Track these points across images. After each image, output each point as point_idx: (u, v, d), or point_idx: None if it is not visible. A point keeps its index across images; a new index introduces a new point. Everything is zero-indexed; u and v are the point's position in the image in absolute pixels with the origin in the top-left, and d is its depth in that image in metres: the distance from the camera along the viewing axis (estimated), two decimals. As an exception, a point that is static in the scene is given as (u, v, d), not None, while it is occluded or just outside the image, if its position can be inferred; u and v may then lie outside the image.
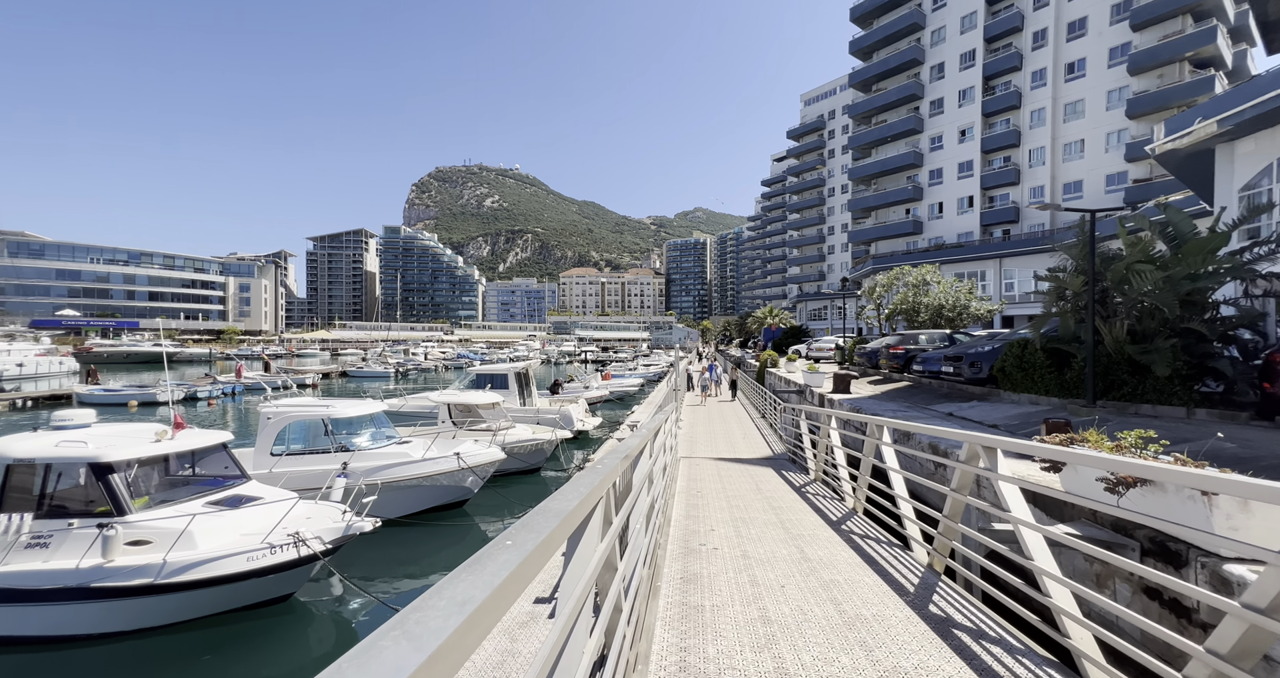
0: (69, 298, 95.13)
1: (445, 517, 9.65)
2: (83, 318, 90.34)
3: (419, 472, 8.79)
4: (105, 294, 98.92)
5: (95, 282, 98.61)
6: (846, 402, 12.47)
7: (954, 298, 18.21)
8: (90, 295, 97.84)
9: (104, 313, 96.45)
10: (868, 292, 22.59)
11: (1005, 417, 8.90)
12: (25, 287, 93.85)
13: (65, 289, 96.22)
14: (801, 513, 5.97)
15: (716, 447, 12.31)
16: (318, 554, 5.66)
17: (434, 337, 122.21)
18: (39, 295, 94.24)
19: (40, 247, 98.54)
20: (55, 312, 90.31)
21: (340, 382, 44.64)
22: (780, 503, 6.53)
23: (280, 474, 8.02)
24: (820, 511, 6.09)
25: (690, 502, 6.63)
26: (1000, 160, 40.60)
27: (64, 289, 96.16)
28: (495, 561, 0.87)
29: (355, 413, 9.25)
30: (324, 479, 7.71)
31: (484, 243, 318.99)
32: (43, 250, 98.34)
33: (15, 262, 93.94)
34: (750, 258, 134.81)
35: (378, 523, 6.52)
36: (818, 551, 4.58)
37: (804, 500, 6.65)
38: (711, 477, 8.48)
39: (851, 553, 4.50)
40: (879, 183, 49.10)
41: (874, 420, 5.51)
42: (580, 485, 1.65)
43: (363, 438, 9.35)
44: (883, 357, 16.78)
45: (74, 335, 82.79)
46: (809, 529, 5.29)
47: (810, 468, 8.62)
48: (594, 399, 23.88)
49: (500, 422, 12.75)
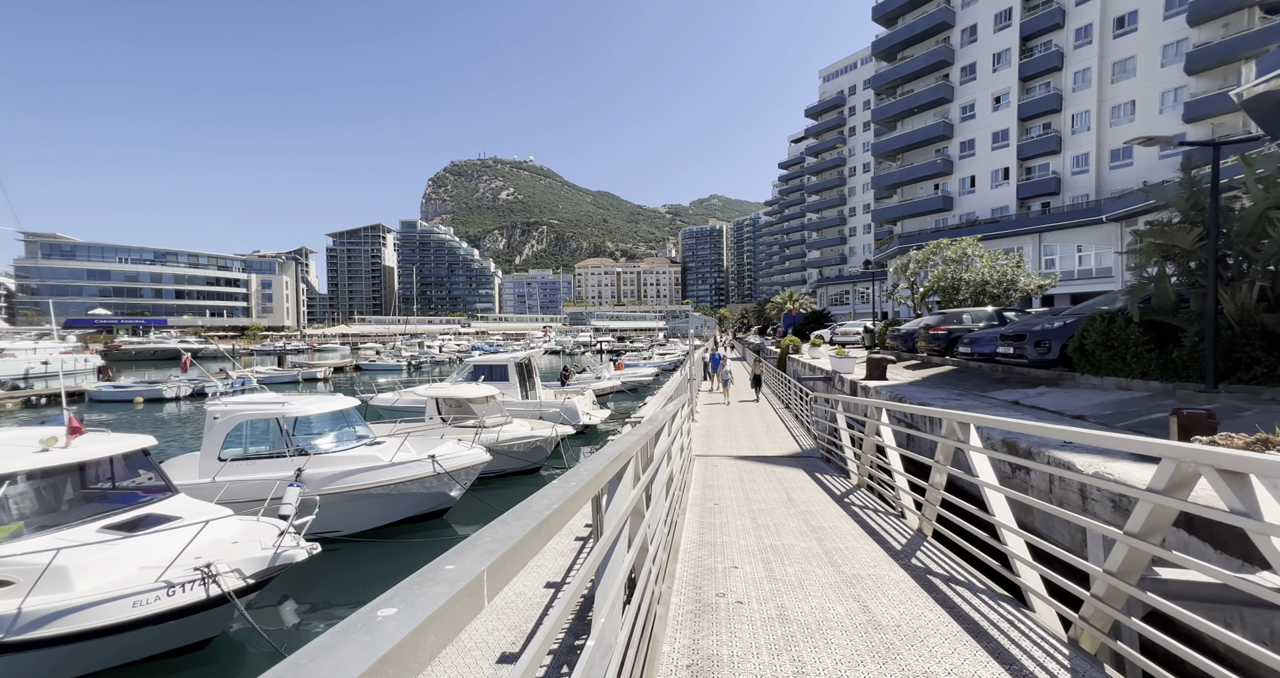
0: (100, 297, 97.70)
1: (420, 529, 8.44)
2: (114, 317, 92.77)
3: (386, 479, 7.62)
4: (134, 293, 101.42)
5: (125, 281, 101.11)
6: (885, 389, 10.90)
7: (999, 273, 16.29)
8: (120, 294, 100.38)
9: (134, 311, 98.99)
10: (900, 269, 20.67)
11: (1090, 406, 7.28)
12: (59, 287, 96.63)
13: (96, 289, 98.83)
14: (852, 539, 4.54)
15: (736, 442, 10.90)
16: (228, 594, 4.48)
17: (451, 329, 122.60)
18: (72, 295, 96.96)
19: (71, 248, 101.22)
20: (88, 311, 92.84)
21: (354, 375, 44.39)
22: (821, 521, 5.11)
23: (224, 484, 6.95)
24: (876, 533, 4.65)
25: (705, 519, 5.25)
26: (1039, 128, 37.66)
27: (95, 289, 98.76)
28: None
29: (318, 410, 8.11)
30: (274, 489, 6.56)
31: (500, 236, 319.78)
32: (74, 251, 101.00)
33: (49, 263, 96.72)
34: (768, 243, 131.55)
35: (314, 550, 5.33)
36: (888, 608, 3.16)
37: (851, 517, 5.21)
38: (731, 482, 7.09)
39: (940, 612, 3.07)
40: (905, 157, 46.36)
41: (951, 416, 4.02)
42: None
43: (326, 439, 8.23)
44: (920, 339, 15.07)
45: (106, 334, 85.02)
46: (866, 566, 3.87)
47: (851, 470, 7.16)
48: (604, 390, 22.61)
49: (495, 417, 11.54)
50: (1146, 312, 7.24)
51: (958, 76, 41.75)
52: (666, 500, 3.96)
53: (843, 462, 7.74)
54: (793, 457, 9.26)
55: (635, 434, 3.26)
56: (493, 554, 0.89)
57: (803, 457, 9.19)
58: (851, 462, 7.19)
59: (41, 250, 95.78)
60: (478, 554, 0.89)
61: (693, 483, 7.03)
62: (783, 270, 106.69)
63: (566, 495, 1.42)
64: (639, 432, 3.46)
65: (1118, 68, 33.91)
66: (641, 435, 3.22)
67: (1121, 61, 33.71)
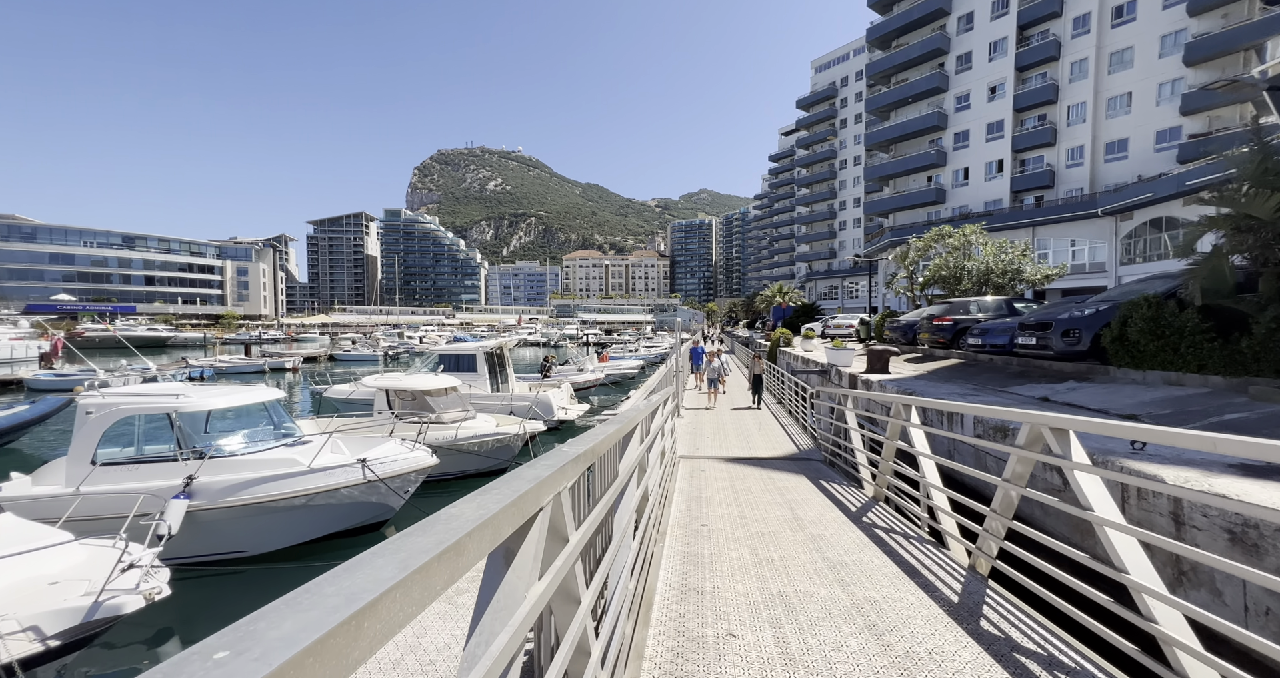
0: (64, 282, 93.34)
1: (353, 545, 7.08)
2: (78, 302, 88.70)
3: (302, 488, 6.34)
4: (101, 278, 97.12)
5: (90, 266, 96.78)
6: (889, 384, 9.83)
7: (1004, 262, 15.34)
8: (86, 279, 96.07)
9: (100, 297, 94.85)
10: (899, 257, 19.66)
11: (1139, 404, 6.23)
12: (18, 271, 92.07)
13: (60, 273, 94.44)
14: (886, 583, 3.38)
15: (727, 441, 9.76)
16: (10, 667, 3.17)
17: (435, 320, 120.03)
18: (33, 280, 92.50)
19: (32, 230, 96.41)
20: (50, 297, 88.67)
21: (328, 366, 42.49)
22: (839, 552, 3.95)
23: (93, 495, 5.61)
24: (917, 573, 3.50)
25: (690, 549, 4.06)
26: (1034, 119, 36.97)
27: (58, 273, 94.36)
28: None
29: (225, 404, 6.75)
30: (156, 501, 5.25)
31: (487, 226, 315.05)
32: (35, 234, 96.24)
33: (6, 245, 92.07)
34: (757, 238, 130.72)
35: (158, 595, 4.06)
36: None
37: (876, 546, 4.06)
38: (723, 493, 5.92)
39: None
40: (898, 148, 45.50)
41: (1038, 420, 2.86)
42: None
43: (234, 439, 6.88)
44: (923, 330, 14.06)
45: (69, 320, 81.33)
46: (921, 633, 2.71)
47: (864, 479, 6.03)
48: (586, 383, 21.38)
49: (454, 412, 10.24)
50: (1208, 295, 6.19)
51: (953, 66, 40.88)
52: (636, 539, 2.76)
53: (852, 468, 6.62)
54: (791, 460, 8.13)
55: (584, 443, 2.07)
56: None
57: (802, 460, 8.07)
58: (865, 469, 6.06)
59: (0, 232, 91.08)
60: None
61: (676, 494, 5.85)
62: (771, 264, 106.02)
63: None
64: (593, 437, 2.29)
65: (1115, 58, 33.26)
66: (592, 446, 2.02)
67: (1119, 52, 33.06)
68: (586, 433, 2.49)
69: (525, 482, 1.25)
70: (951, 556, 3.75)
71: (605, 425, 2.80)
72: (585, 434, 2.44)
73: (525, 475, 1.32)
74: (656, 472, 4.29)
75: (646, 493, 3.56)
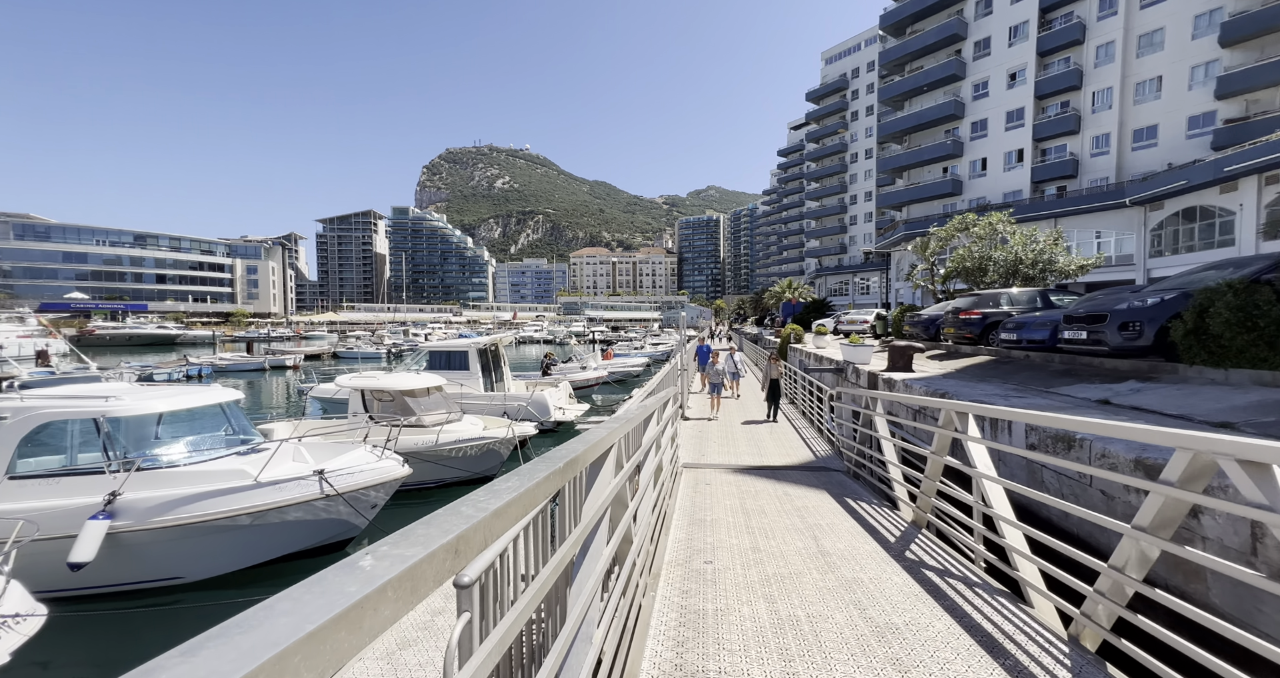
0: (77, 281, 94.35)
1: (312, 567, 6.10)
2: (91, 301, 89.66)
3: (246, 505, 5.50)
4: (112, 277, 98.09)
5: (103, 264, 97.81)
6: (915, 383, 8.83)
7: (1035, 251, 14.20)
8: (99, 278, 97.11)
9: (113, 296, 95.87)
10: (919, 248, 18.50)
11: (1230, 408, 5.22)
12: (33, 269, 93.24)
13: (73, 272, 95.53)
14: (956, 658, 2.45)
15: (735, 446, 8.84)
16: None
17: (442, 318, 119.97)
18: (47, 278, 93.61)
19: (46, 229, 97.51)
20: (64, 295, 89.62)
21: (331, 363, 42.07)
22: (885, 609, 3.02)
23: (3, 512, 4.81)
24: (995, 645, 2.56)
25: (689, 601, 3.15)
26: (1057, 107, 35.43)
27: (72, 272, 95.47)
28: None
29: (165, 407, 5.93)
30: (74, 520, 4.45)
31: (495, 225, 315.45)
32: (48, 233, 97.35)
33: (21, 244, 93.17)
34: (765, 234, 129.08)
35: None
36: None
37: (934, 600, 3.12)
38: (731, 515, 5.00)
39: None
40: (913, 139, 44.06)
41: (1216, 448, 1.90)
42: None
43: (174, 448, 6.01)
44: (948, 325, 13.00)
45: (82, 318, 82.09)
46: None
47: (899, 498, 5.07)
48: (588, 381, 20.52)
49: (437, 413, 9.40)
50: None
51: (970, 52, 39.36)
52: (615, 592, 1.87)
53: (883, 483, 5.66)
54: (808, 469, 7.19)
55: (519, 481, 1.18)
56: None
57: (821, 470, 7.13)
58: (900, 486, 5.10)
59: (14, 231, 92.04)
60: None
61: (675, 515, 4.94)
62: (780, 261, 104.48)
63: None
64: (535, 473, 1.38)
65: (1144, 41, 31.67)
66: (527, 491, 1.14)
67: (1149, 34, 31.46)
68: (538, 462, 1.59)
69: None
70: (1038, 618, 2.80)
71: (568, 446, 1.89)
72: (534, 465, 1.55)
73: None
74: (650, 496, 3.39)
75: (629, 534, 2.66)
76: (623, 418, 2.79)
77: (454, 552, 0.85)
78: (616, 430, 2.38)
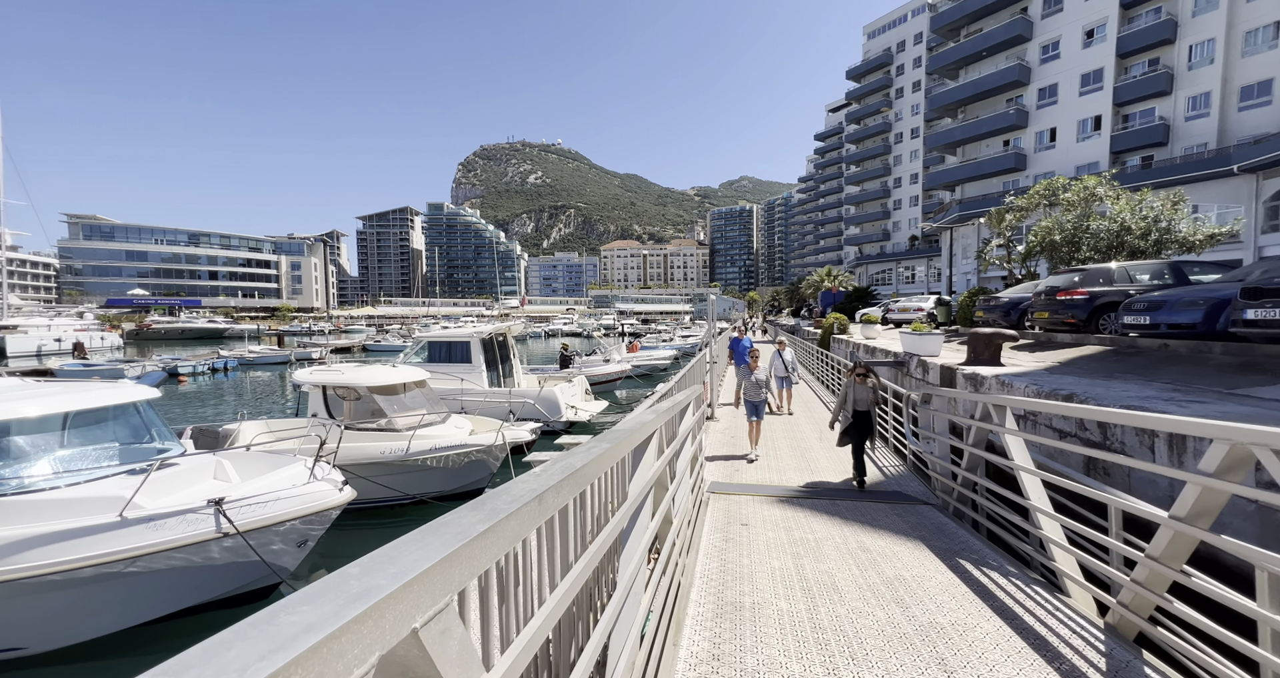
0: (139, 278, 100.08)
1: (197, 630, 4.73)
2: (150, 297, 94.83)
3: (102, 551, 3.96)
4: (170, 274, 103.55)
5: (161, 262, 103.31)
6: (1017, 380, 6.69)
7: (1147, 219, 11.46)
8: (158, 275, 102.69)
9: (171, 292, 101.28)
10: (993, 221, 15.75)
11: None
12: (100, 268, 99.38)
13: (135, 270, 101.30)
14: None
15: (778, 460, 6.97)
16: None
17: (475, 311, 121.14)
18: (112, 276, 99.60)
19: (110, 229, 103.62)
20: (127, 292, 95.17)
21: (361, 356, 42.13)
22: None
23: None
24: None
25: None
26: (1143, 65, 31.17)
27: (134, 270, 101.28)
28: None
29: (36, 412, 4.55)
30: None
31: (528, 220, 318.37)
32: (113, 233, 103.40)
33: (89, 244, 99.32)
34: (801, 223, 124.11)
35: None
36: None
37: None
38: (783, 586, 3.15)
39: None
40: (969, 110, 40.16)
41: None
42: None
43: (33, 467, 4.49)
44: (1040, 309, 10.62)
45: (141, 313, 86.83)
46: None
47: (1062, 573, 3.09)
48: (610, 375, 18.87)
49: (414, 414, 7.86)
50: None
51: (1039, 8, 35.23)
52: None
53: (1005, 528, 3.69)
54: (881, 498, 5.25)
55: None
56: None
57: (900, 499, 5.18)
58: (1064, 556, 3.11)
59: (83, 232, 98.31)
60: None
61: (695, 586, 3.15)
62: (816, 250, 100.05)
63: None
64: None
65: (1256, -19, 27.19)
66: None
67: (1261, -27, 26.97)
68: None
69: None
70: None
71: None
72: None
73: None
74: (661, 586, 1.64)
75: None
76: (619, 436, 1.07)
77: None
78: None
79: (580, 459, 1.55)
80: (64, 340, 45.79)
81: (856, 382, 6.19)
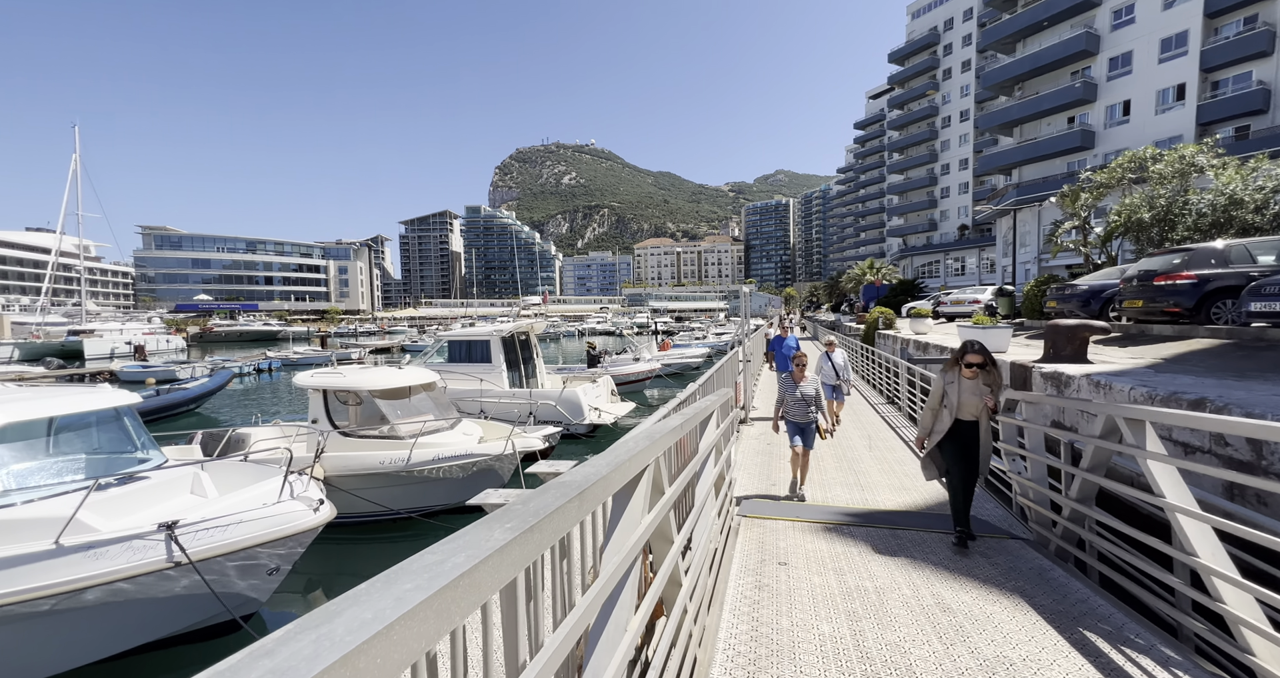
0: (203, 285, 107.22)
1: (189, 657, 4.25)
2: (213, 302, 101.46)
3: (26, 586, 3.43)
4: (230, 280, 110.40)
5: (223, 269, 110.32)
6: (1117, 380, 5.46)
7: (1270, 189, 9.66)
8: (220, 281, 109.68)
9: (232, 297, 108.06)
10: (1065, 200, 13.90)
11: None
12: (169, 275, 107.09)
13: (200, 277, 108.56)
14: None
15: (823, 474, 6.02)
16: None
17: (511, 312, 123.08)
18: (180, 283, 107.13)
19: (178, 239, 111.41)
20: (194, 297, 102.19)
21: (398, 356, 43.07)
22: None
23: None
24: None
25: None
26: (1236, 24, 27.73)
27: (199, 277, 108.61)
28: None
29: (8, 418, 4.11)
30: None
31: (563, 220, 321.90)
32: (180, 242, 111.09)
33: (160, 253, 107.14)
34: (839, 215, 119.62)
35: None
36: None
37: None
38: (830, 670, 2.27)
39: None
40: (1027, 86, 37.11)
41: None
42: None
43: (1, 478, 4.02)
44: (1130, 297, 9.12)
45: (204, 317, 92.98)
46: None
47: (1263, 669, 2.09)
48: (639, 375, 18.11)
49: (422, 419, 7.32)
50: None
51: (1109, -30, 32.04)
52: None
53: (1140, 582, 2.67)
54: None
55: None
56: None
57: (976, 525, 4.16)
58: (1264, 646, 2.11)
59: (155, 242, 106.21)
60: None
61: (717, 656, 2.31)
62: (857, 243, 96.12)
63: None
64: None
65: (1378, -80, 23.63)
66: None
67: (1385, -91, 23.41)
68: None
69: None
70: None
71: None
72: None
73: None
74: None
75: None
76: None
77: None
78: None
79: (502, 535, 0.80)
80: (133, 344, 49.03)
81: (964, 376, 3.96)
